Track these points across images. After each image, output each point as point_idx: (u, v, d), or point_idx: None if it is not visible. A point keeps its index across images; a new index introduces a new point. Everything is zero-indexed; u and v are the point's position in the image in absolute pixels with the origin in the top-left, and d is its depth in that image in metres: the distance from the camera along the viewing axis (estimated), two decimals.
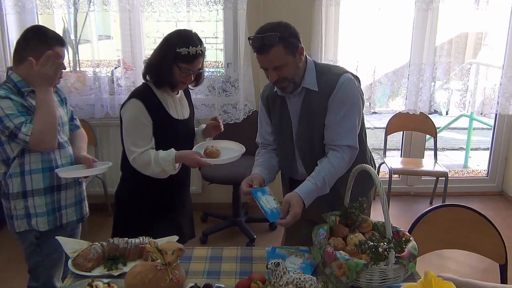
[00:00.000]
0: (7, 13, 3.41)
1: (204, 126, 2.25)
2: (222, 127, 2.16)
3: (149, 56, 2.00)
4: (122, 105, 1.96)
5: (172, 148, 1.94)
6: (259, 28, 1.74)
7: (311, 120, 1.82)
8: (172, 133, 2.01)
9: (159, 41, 1.97)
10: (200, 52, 1.90)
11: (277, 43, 1.67)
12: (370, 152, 2.04)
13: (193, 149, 2.00)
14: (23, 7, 3.36)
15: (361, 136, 1.88)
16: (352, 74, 1.82)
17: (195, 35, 1.93)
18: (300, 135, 1.87)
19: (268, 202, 1.74)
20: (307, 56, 1.84)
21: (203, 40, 1.95)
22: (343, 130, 1.77)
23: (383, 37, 3.68)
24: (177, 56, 1.87)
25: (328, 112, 1.78)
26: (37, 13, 3.51)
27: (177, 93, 2.07)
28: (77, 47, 3.64)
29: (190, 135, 2.16)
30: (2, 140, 1.86)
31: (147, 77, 1.98)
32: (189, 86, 2.10)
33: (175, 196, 2.14)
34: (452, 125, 6.06)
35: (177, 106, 2.05)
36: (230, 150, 2.08)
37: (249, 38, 1.73)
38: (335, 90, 1.75)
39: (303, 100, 1.83)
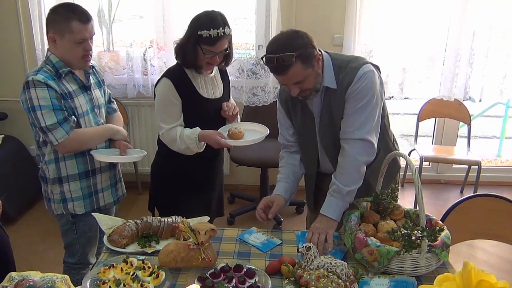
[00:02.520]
0: None
1: None
2: (229, 111, 2.10)
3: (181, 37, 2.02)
4: (156, 84, 2.03)
5: (197, 127, 1.99)
6: (271, 44, 1.61)
7: (332, 118, 1.75)
8: (202, 111, 2.05)
9: (186, 21, 1.98)
10: (223, 34, 1.88)
11: (295, 62, 1.56)
12: (394, 138, 1.97)
13: (218, 130, 2.03)
14: None
15: (382, 123, 1.80)
16: (372, 64, 1.72)
17: (221, 16, 1.92)
18: (323, 134, 1.82)
19: (257, 238, 1.75)
20: (322, 53, 1.71)
21: (232, 21, 1.94)
22: (356, 123, 1.68)
23: (418, 21, 3.58)
24: (199, 38, 1.89)
25: (345, 105, 1.70)
26: None
27: (211, 72, 2.08)
28: (111, 27, 3.67)
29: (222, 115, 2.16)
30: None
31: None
32: (220, 66, 2.10)
33: (204, 172, 2.19)
34: (485, 113, 5.87)
35: (208, 85, 2.07)
36: (254, 132, 2.09)
37: (262, 58, 1.63)
38: (352, 83, 1.66)
39: (323, 98, 1.75)
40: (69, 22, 1.79)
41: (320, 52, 1.67)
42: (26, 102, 1.80)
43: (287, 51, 1.54)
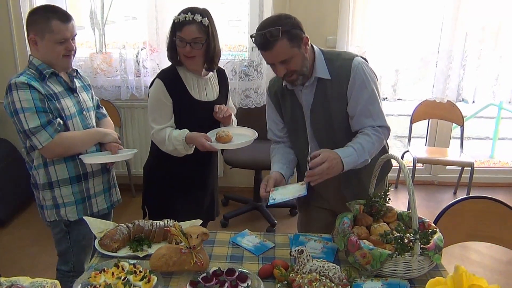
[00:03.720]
0: None
1: None
2: (220, 114, 2.07)
3: None
4: (150, 84, 2.06)
5: (186, 129, 1.99)
6: (260, 24, 1.68)
7: (327, 109, 1.77)
8: (193, 113, 2.04)
9: None
10: (191, 19, 1.89)
11: (281, 37, 1.61)
12: None
13: (207, 133, 2.02)
14: None
15: None
16: (361, 57, 1.79)
17: (201, 9, 1.94)
18: (316, 125, 1.82)
19: (250, 241, 1.73)
20: (313, 46, 1.77)
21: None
22: (374, 113, 1.73)
23: (410, 23, 3.59)
24: (174, 25, 1.94)
25: (351, 100, 1.73)
26: None
27: (206, 74, 2.07)
28: (103, 29, 3.65)
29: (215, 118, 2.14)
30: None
31: None
32: (205, 68, 2.06)
33: (195, 174, 2.19)
34: (478, 114, 5.90)
35: (201, 87, 2.06)
36: (243, 136, 2.08)
37: (251, 36, 1.68)
38: (351, 76, 1.71)
39: (316, 90, 1.77)
40: (49, 21, 1.78)
41: (309, 41, 1.71)
42: (9, 106, 1.77)
43: (273, 26, 1.62)
